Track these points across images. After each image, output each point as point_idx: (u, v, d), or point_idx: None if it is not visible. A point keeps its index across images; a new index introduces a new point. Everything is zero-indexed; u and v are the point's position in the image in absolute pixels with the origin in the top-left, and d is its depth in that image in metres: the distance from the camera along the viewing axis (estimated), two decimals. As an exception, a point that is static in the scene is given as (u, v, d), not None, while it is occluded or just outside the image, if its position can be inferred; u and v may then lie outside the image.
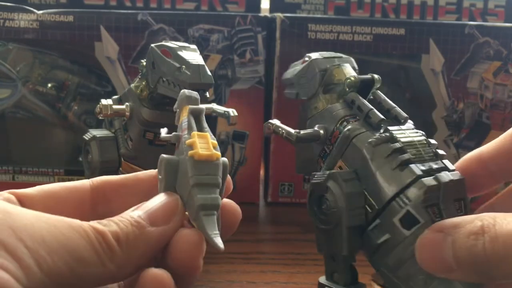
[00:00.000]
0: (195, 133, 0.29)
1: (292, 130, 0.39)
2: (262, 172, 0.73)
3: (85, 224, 0.26)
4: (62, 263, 0.23)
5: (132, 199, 0.31)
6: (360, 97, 0.37)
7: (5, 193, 0.29)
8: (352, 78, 0.38)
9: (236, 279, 0.49)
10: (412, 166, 0.33)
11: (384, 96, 0.38)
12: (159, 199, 0.29)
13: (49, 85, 0.69)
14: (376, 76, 0.39)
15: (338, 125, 0.37)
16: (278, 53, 0.67)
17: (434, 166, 0.33)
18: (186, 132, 0.30)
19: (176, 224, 0.29)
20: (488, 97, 0.69)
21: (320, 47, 0.67)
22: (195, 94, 0.32)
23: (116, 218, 0.27)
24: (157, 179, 0.31)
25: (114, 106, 0.51)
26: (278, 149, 0.69)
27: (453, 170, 0.34)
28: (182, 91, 0.32)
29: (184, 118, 0.31)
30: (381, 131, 0.35)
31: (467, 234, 0.29)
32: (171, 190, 0.30)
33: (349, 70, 0.40)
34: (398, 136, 0.34)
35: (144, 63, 0.50)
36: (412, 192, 0.32)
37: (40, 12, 0.65)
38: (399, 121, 0.36)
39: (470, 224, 0.29)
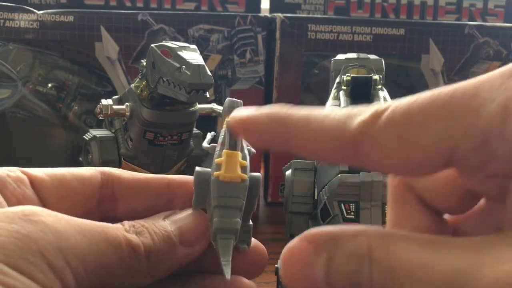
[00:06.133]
0: (225, 151, 0.28)
1: None
2: (262, 172, 0.73)
3: (121, 236, 0.26)
4: (95, 278, 0.25)
5: (139, 203, 0.31)
6: (344, 94, 0.38)
7: (18, 171, 0.29)
8: (346, 77, 0.39)
9: (236, 279, 0.49)
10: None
11: (380, 96, 0.38)
12: (191, 217, 0.29)
13: (50, 85, 0.69)
14: (375, 76, 0.39)
15: None
16: (278, 53, 0.67)
17: None
18: (219, 148, 0.29)
19: (201, 248, 0.29)
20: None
21: (320, 47, 0.67)
22: (238, 103, 0.31)
23: (151, 228, 0.28)
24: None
25: (114, 106, 0.51)
26: (278, 149, 0.69)
27: None
28: (227, 99, 0.31)
29: (222, 130, 0.30)
30: None
31: (347, 255, 0.21)
32: (201, 204, 0.30)
33: (366, 71, 0.40)
34: None
35: (144, 63, 0.50)
36: (330, 185, 0.33)
37: (40, 12, 0.65)
38: None
39: (353, 242, 0.21)
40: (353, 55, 0.42)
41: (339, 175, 0.32)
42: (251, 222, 0.31)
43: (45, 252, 0.23)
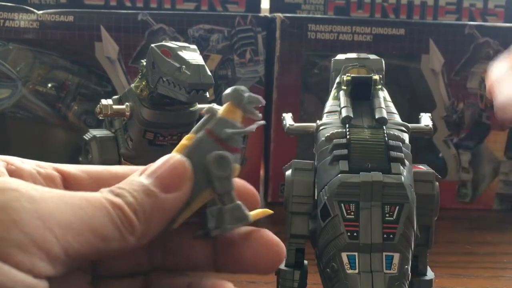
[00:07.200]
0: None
1: (289, 123, 0.40)
2: (262, 172, 0.73)
3: (103, 199, 0.25)
4: (87, 245, 0.23)
5: None
6: (344, 94, 0.38)
7: (49, 168, 0.28)
8: (346, 77, 0.39)
9: (236, 278, 0.49)
10: (342, 162, 0.33)
11: (380, 96, 0.38)
12: (166, 164, 0.28)
13: (49, 85, 0.69)
14: (376, 76, 0.39)
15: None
16: (278, 53, 0.67)
17: (374, 166, 0.33)
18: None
19: (188, 190, 0.28)
20: (488, 97, 0.69)
21: (320, 47, 0.67)
22: (235, 90, 0.30)
23: (127, 187, 0.26)
24: None
25: (114, 106, 0.51)
26: (278, 149, 0.69)
27: (397, 174, 0.32)
28: (233, 88, 0.31)
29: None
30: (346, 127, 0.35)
31: None
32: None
33: (366, 71, 0.40)
34: (352, 133, 0.34)
35: (144, 63, 0.50)
36: (330, 185, 0.32)
37: (40, 12, 0.65)
38: (377, 120, 0.36)
39: None
40: (353, 55, 0.42)
41: (339, 175, 0.32)
42: (238, 202, 0.30)
43: (23, 225, 0.21)
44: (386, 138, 0.34)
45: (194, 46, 0.48)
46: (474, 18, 0.80)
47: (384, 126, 0.36)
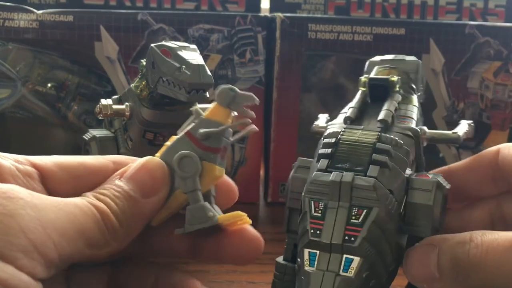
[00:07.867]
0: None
1: (316, 123, 0.41)
2: (262, 172, 0.73)
3: (90, 205, 0.26)
4: (76, 250, 0.25)
5: None
6: (360, 95, 0.38)
7: (27, 165, 0.29)
8: (363, 78, 0.39)
9: (236, 279, 0.49)
10: (323, 160, 0.33)
11: (394, 98, 0.38)
12: (144, 169, 0.30)
13: (49, 85, 0.69)
14: (393, 78, 0.38)
15: None
16: (278, 53, 0.67)
17: (353, 167, 0.32)
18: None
19: (165, 193, 0.29)
20: (488, 97, 0.69)
21: (320, 47, 0.67)
22: (221, 90, 0.33)
23: (108, 192, 0.28)
24: None
25: (114, 106, 0.51)
26: (278, 149, 0.69)
27: (372, 177, 0.31)
28: (222, 87, 0.32)
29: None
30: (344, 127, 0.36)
31: (454, 244, 0.29)
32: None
33: (396, 72, 0.40)
34: (344, 133, 0.34)
35: (144, 63, 0.50)
36: (307, 182, 0.33)
37: (40, 12, 0.64)
38: (379, 122, 0.36)
39: (460, 236, 0.30)
40: (389, 56, 0.42)
41: (314, 172, 0.32)
42: (201, 202, 0.30)
43: (28, 231, 0.23)
44: (376, 140, 0.33)
45: (194, 46, 0.48)
46: (474, 17, 0.79)
47: (380, 129, 0.35)
